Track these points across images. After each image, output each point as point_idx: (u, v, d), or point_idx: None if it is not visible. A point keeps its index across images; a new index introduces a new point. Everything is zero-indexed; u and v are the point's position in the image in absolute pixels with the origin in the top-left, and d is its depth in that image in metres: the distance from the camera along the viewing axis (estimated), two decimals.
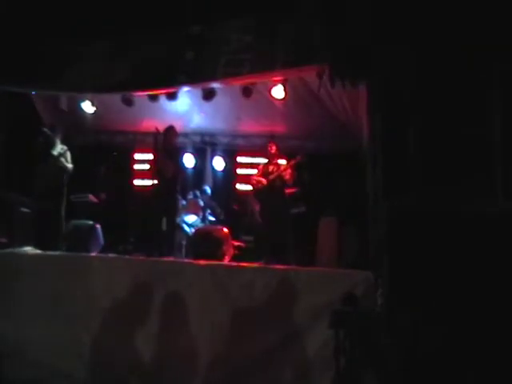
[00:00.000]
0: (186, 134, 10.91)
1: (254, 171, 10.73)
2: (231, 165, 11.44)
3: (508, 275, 4.62)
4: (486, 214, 4.89)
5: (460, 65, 5.71)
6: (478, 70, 5.69)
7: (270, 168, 8.65)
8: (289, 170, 8.45)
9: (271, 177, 8.43)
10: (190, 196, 10.24)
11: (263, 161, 9.43)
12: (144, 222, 9.29)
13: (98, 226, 8.75)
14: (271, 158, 8.83)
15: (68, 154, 8.65)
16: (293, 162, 8.58)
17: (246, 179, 10.94)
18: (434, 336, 4.63)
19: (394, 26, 5.95)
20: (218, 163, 11.25)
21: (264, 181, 8.58)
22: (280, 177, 8.37)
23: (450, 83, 5.72)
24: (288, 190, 8.66)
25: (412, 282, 4.92)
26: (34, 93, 9.19)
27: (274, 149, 8.90)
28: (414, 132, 5.74)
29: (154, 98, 8.81)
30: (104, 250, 8.63)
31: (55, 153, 8.43)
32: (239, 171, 11.50)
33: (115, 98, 9.10)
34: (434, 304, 4.80)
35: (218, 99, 8.77)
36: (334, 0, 6.57)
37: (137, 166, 11.58)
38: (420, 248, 4.95)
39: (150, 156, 9.22)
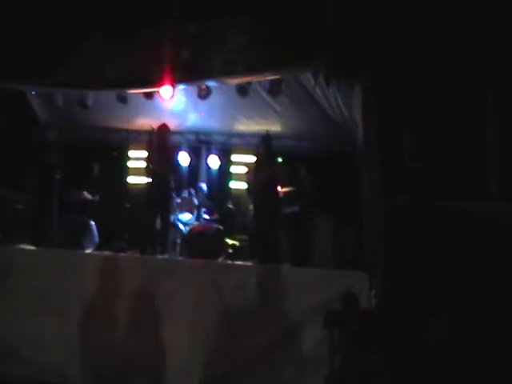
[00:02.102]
0: (181, 133, 10.91)
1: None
2: (226, 163, 11.44)
3: (505, 274, 4.65)
4: (481, 215, 4.93)
5: (456, 68, 5.74)
6: (472, 73, 5.73)
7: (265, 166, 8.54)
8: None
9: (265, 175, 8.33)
10: (185, 194, 10.22)
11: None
12: (138, 219, 9.26)
13: (93, 223, 8.73)
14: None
15: (61, 152, 8.62)
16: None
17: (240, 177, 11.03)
18: (430, 336, 4.66)
19: (391, 30, 5.98)
20: (213, 162, 11.24)
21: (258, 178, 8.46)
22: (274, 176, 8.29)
23: (445, 86, 5.76)
24: (282, 189, 8.63)
25: (407, 281, 4.95)
26: (33, 93, 9.17)
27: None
28: (409, 133, 5.77)
29: (149, 96, 8.79)
30: (98, 247, 8.61)
31: (48, 150, 8.39)
32: (234, 170, 11.50)
33: (110, 96, 9.07)
34: (429, 303, 4.83)
35: (214, 98, 8.76)
36: (332, 2, 6.59)
37: (131, 164, 11.56)
38: (415, 248, 4.98)
39: (145, 154, 9.19)
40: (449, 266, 4.79)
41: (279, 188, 8.40)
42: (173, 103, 9.30)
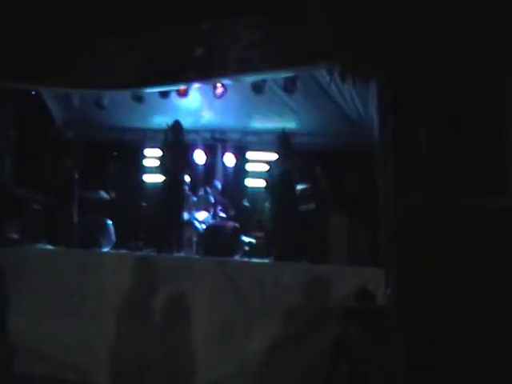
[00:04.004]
0: (196, 131, 10.92)
1: (264, 167, 10.81)
2: (242, 161, 11.43)
3: None
4: (496, 212, 4.88)
5: (472, 64, 5.69)
6: (490, 71, 5.67)
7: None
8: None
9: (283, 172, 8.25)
10: (201, 192, 10.24)
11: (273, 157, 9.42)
12: (154, 217, 9.30)
13: (110, 221, 8.79)
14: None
15: (79, 151, 8.67)
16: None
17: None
18: (445, 333, 4.63)
19: (406, 24, 5.94)
20: (229, 160, 11.25)
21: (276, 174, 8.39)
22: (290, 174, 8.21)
23: (461, 82, 5.71)
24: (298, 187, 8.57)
25: (422, 278, 4.92)
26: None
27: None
28: (425, 130, 5.73)
29: (164, 94, 8.83)
30: (115, 246, 8.67)
31: (67, 149, 8.44)
32: (250, 167, 11.48)
33: (126, 95, 9.12)
34: (444, 301, 4.80)
35: (229, 96, 8.77)
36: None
37: (147, 162, 11.60)
38: (430, 245, 4.95)
39: (160, 152, 9.23)
40: (464, 264, 4.76)
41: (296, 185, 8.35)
42: (188, 101, 9.35)
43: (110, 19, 7.65)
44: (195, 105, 9.85)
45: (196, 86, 8.43)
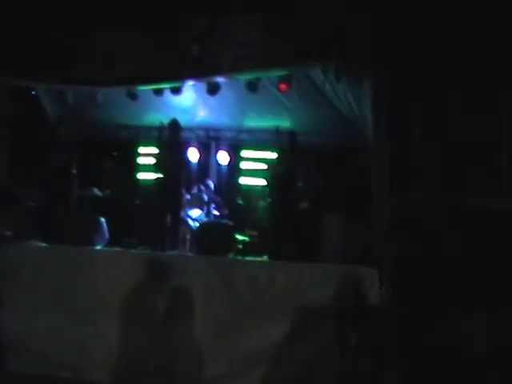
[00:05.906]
0: (190, 129, 10.92)
1: (258, 166, 10.86)
2: (236, 159, 11.45)
3: None
4: (490, 212, 4.91)
5: (467, 62, 5.72)
6: (484, 71, 5.70)
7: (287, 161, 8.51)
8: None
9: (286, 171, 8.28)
10: (195, 190, 10.25)
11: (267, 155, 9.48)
12: (148, 215, 9.30)
13: (103, 219, 8.76)
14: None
15: (74, 149, 8.65)
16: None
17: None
18: (440, 332, 4.66)
19: (402, 25, 5.96)
20: (223, 158, 11.26)
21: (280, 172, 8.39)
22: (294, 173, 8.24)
23: (456, 81, 5.73)
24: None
25: (416, 278, 4.94)
26: (33, 93, 9.21)
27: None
28: (419, 130, 5.76)
29: (158, 92, 8.80)
30: (109, 243, 8.65)
31: (61, 148, 8.41)
32: (243, 166, 11.50)
33: (120, 92, 9.10)
34: (438, 300, 4.82)
35: (223, 94, 8.76)
36: None
37: (141, 160, 11.60)
38: (424, 244, 4.98)
39: (155, 150, 9.22)
40: (457, 262, 4.78)
41: None
42: (182, 99, 9.33)
43: (107, 17, 7.63)
44: (189, 102, 9.85)
45: (190, 83, 8.41)
